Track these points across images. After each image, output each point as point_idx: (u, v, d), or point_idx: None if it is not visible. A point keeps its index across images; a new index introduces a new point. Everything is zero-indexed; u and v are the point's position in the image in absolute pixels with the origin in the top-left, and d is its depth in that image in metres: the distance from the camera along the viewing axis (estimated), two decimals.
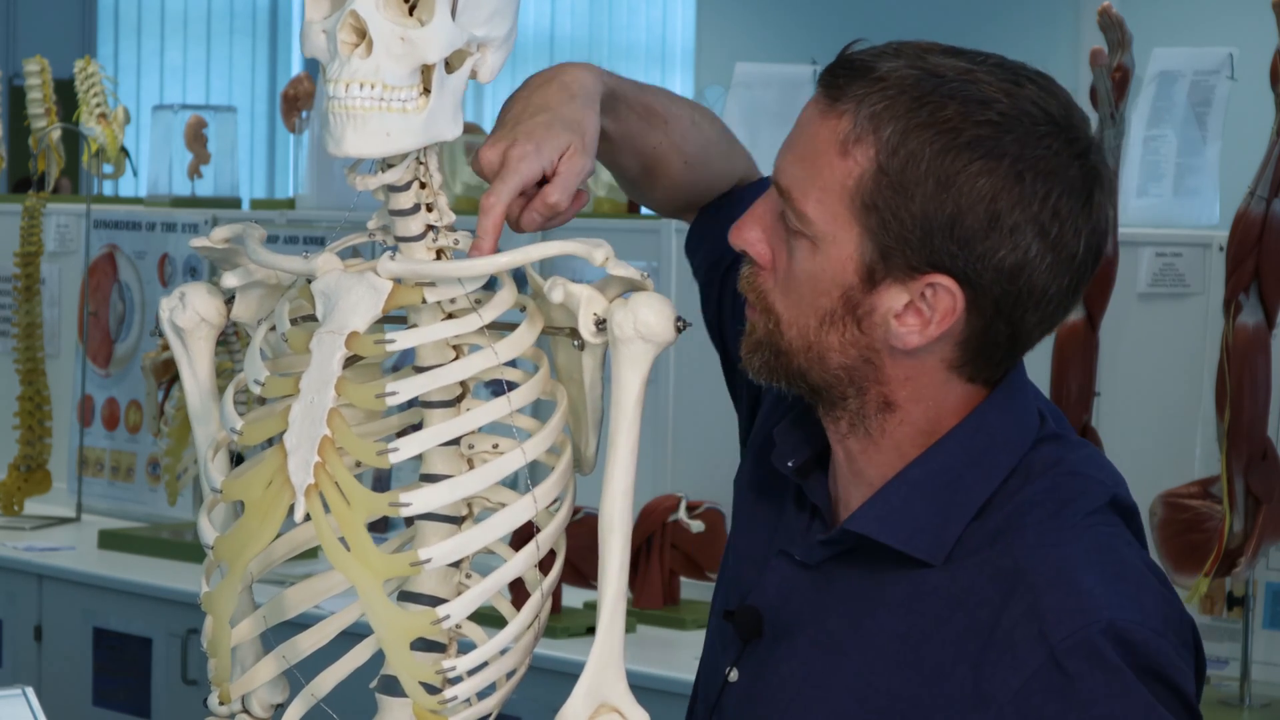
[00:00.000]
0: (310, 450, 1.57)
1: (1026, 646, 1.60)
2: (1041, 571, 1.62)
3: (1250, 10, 6.05)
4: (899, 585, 1.67)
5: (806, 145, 1.65)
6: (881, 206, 1.61)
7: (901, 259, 1.62)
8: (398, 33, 1.53)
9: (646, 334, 1.59)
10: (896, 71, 1.62)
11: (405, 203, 1.61)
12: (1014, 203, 1.60)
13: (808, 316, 1.66)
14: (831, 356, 1.67)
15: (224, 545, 1.63)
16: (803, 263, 1.65)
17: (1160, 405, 3.67)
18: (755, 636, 1.74)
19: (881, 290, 1.64)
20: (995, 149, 1.60)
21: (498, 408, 1.61)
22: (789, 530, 1.77)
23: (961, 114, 1.60)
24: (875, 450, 1.70)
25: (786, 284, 1.67)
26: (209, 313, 1.73)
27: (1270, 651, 3.54)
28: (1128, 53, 3.40)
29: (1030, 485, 1.67)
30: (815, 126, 1.65)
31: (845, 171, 1.62)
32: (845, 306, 1.65)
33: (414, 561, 1.58)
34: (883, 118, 1.61)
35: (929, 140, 1.60)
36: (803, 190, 1.64)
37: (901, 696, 1.64)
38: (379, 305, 1.60)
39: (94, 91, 5.21)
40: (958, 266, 1.61)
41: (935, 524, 1.66)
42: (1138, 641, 1.60)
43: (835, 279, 1.64)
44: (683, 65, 12.40)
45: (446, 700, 1.60)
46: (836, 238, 1.63)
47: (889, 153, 1.60)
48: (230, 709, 1.71)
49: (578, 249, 1.60)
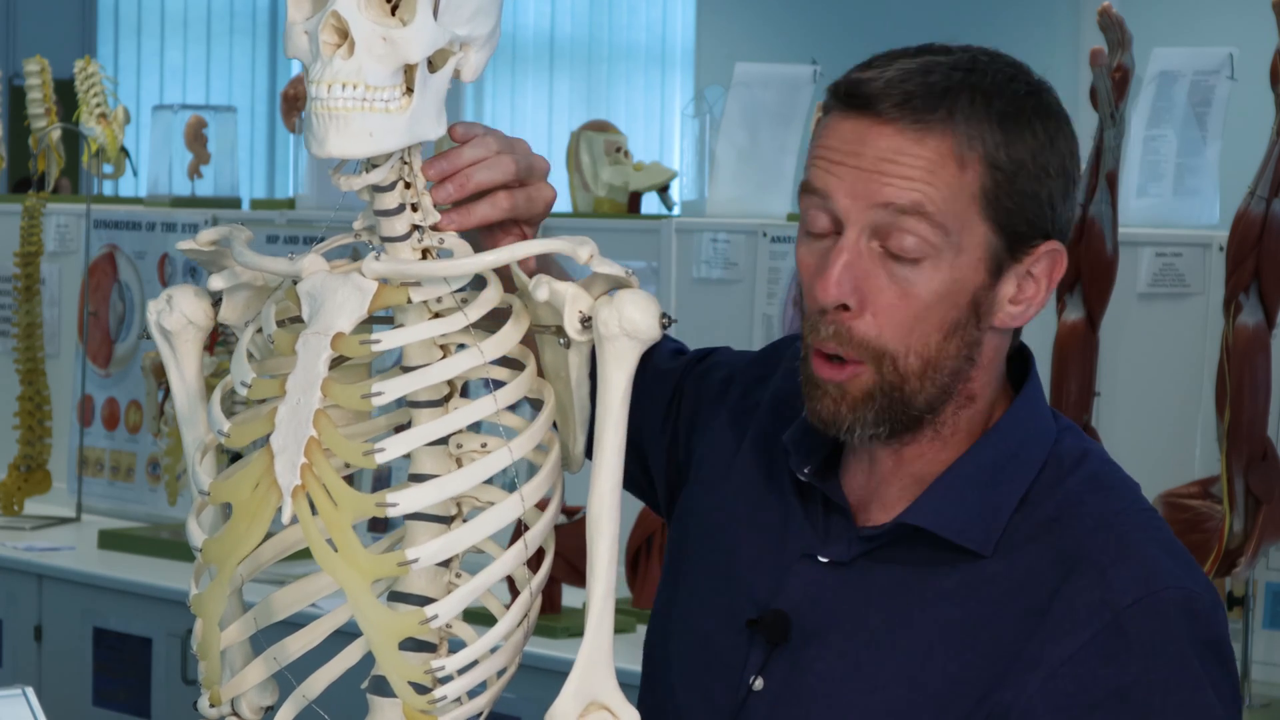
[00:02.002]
0: (297, 452, 1.57)
1: (1087, 612, 1.64)
2: (1105, 549, 1.67)
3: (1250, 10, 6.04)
4: (950, 576, 1.70)
5: (915, 167, 1.66)
6: (1002, 196, 1.67)
7: (1023, 240, 1.69)
8: (379, 33, 1.53)
9: (632, 331, 1.59)
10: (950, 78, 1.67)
11: (390, 203, 1.61)
12: (1071, 152, 1.71)
13: (930, 335, 1.68)
14: (946, 364, 1.69)
15: (212, 548, 1.63)
16: (928, 284, 1.67)
17: (1160, 405, 3.66)
18: (782, 641, 1.74)
19: (1004, 279, 1.70)
20: (1047, 112, 1.70)
21: (485, 406, 1.61)
22: (804, 534, 1.77)
23: (1013, 92, 1.68)
24: (940, 448, 1.73)
25: (903, 316, 1.67)
26: (196, 315, 1.73)
27: (1270, 651, 3.54)
28: (1128, 53, 3.40)
29: (1071, 476, 1.72)
30: (914, 150, 1.66)
31: (969, 181, 1.66)
32: (971, 308, 1.69)
33: (402, 561, 1.58)
34: (974, 120, 1.66)
35: (1012, 123, 1.67)
36: (935, 202, 1.66)
37: (959, 680, 1.66)
38: (364, 306, 1.60)
39: (94, 91, 5.21)
40: (1058, 227, 1.71)
41: (985, 515, 1.70)
42: (1200, 611, 1.65)
43: (967, 285, 1.68)
44: (683, 65, 12.39)
45: (436, 700, 1.60)
46: (965, 245, 1.67)
47: (993, 147, 1.66)
48: (220, 711, 1.71)
49: (563, 247, 1.60)
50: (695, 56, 12.21)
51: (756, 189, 4.36)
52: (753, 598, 1.78)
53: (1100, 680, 1.62)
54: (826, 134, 1.69)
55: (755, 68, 4.43)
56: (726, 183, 4.37)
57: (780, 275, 4.12)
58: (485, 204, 1.71)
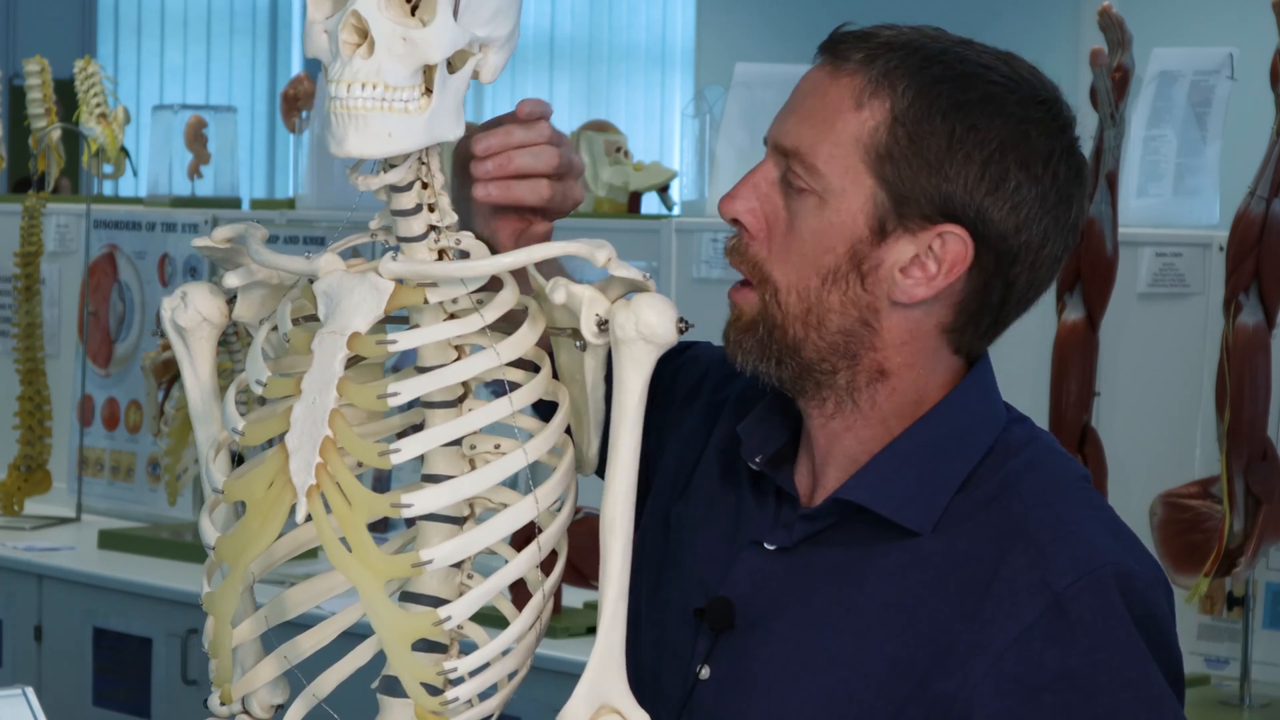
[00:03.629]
0: (312, 451, 1.57)
1: (1028, 594, 1.63)
2: (1043, 526, 1.66)
3: (1250, 10, 6.05)
4: (888, 556, 1.69)
5: (815, 104, 1.68)
6: (897, 155, 1.65)
7: (915, 208, 1.66)
8: (399, 33, 1.53)
9: (649, 335, 1.59)
10: (900, 36, 1.68)
11: (407, 203, 1.61)
12: (1020, 159, 1.66)
13: (809, 277, 1.68)
14: (831, 319, 1.68)
15: (225, 546, 1.63)
16: (808, 220, 1.68)
17: (1160, 405, 3.67)
18: (727, 627, 1.74)
19: (890, 242, 1.67)
20: (1003, 107, 1.66)
21: (499, 408, 1.61)
22: (754, 523, 1.78)
23: (969, 73, 1.66)
24: (863, 425, 1.72)
25: (786, 247, 1.69)
26: (211, 312, 1.73)
27: (1270, 651, 3.54)
28: (1128, 53, 3.40)
29: (1015, 458, 1.71)
30: (824, 86, 1.68)
31: (860, 123, 1.66)
32: (851, 261, 1.67)
33: (415, 563, 1.58)
34: (896, 73, 1.66)
35: (943, 93, 1.65)
36: (812, 146, 1.67)
37: (899, 660, 1.66)
38: (381, 306, 1.60)
39: (94, 91, 5.21)
40: (968, 216, 1.66)
41: (924, 494, 1.69)
42: (1139, 589, 1.64)
43: (844, 232, 1.67)
44: (683, 65, 12.40)
45: (448, 701, 1.60)
46: (847, 190, 1.66)
47: (905, 104, 1.65)
48: (231, 710, 1.71)
49: (580, 250, 1.60)
50: (695, 56, 12.22)
51: None
52: (702, 587, 1.78)
53: (1046, 663, 1.62)
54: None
55: (755, 68, 4.44)
56: (726, 183, 4.33)
57: None
58: (526, 186, 1.74)
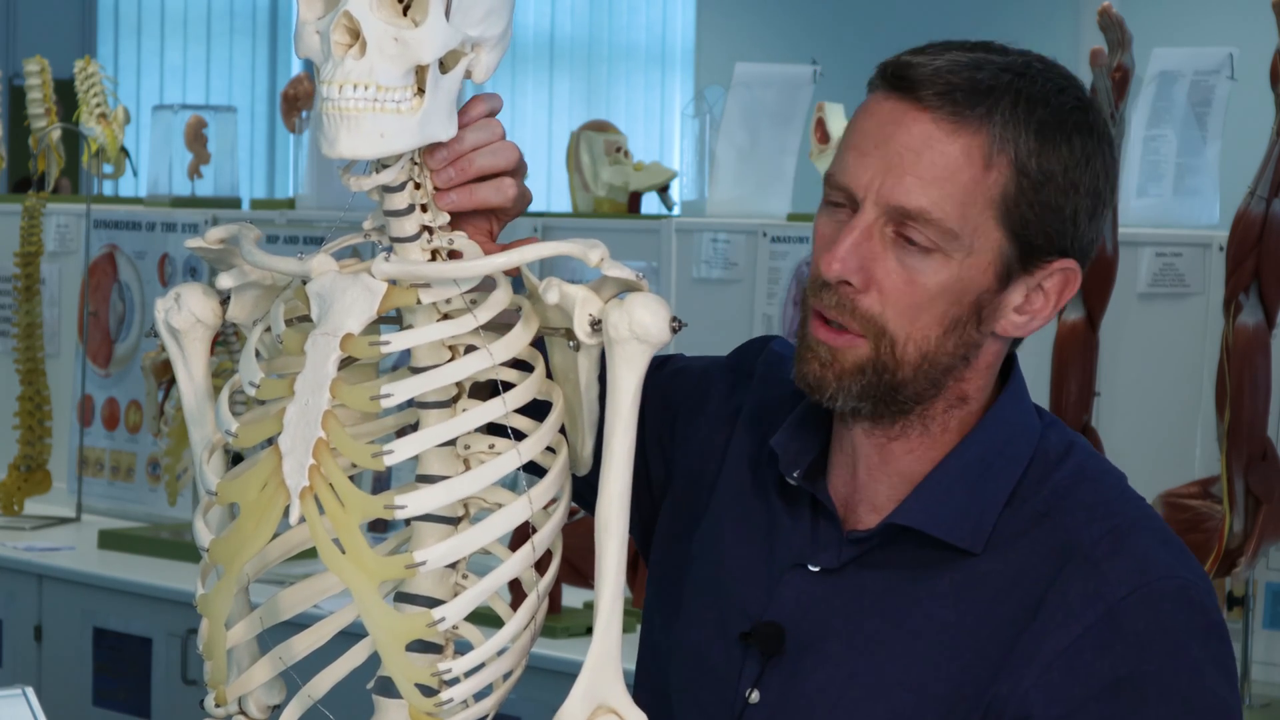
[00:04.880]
0: (305, 452, 1.57)
1: (1082, 605, 1.64)
2: (1097, 541, 1.67)
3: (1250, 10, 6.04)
4: (942, 577, 1.69)
5: (937, 163, 1.66)
6: (1024, 205, 1.67)
7: (1040, 251, 1.68)
8: (391, 33, 1.53)
9: (642, 335, 1.59)
10: (997, 78, 1.67)
11: (400, 203, 1.61)
12: (1107, 174, 1.70)
13: (931, 328, 1.68)
14: (942, 361, 1.69)
15: (219, 547, 1.63)
16: (933, 277, 1.67)
17: (1160, 405, 3.67)
18: (777, 652, 1.73)
19: (1012, 287, 1.69)
20: (1090, 129, 1.69)
21: (493, 408, 1.61)
22: (791, 540, 1.76)
23: (1059, 104, 1.68)
24: (928, 445, 1.73)
25: (907, 302, 1.67)
26: (204, 313, 1.73)
27: (1270, 651, 3.54)
28: (1128, 53, 3.40)
29: (1058, 470, 1.72)
30: (942, 146, 1.66)
31: (991, 184, 1.66)
32: (973, 309, 1.69)
33: (409, 564, 1.58)
34: (1012, 124, 1.66)
35: (1054, 137, 1.67)
36: (942, 208, 1.66)
37: (960, 679, 1.66)
38: (374, 307, 1.60)
39: (94, 91, 5.21)
40: (1078, 246, 1.70)
41: (974, 513, 1.70)
42: (1195, 599, 1.65)
43: (973, 285, 1.68)
44: (683, 65, 12.38)
45: (443, 702, 1.59)
46: (976, 247, 1.67)
47: (1026, 154, 1.66)
48: (227, 711, 1.71)
49: (573, 250, 1.60)
50: (695, 56, 12.21)
51: (756, 189, 4.36)
52: (744, 610, 1.77)
53: (1096, 672, 1.62)
54: (865, 112, 1.70)
55: (755, 68, 4.43)
56: (726, 183, 4.37)
57: (780, 275, 4.13)
58: (490, 187, 1.67)
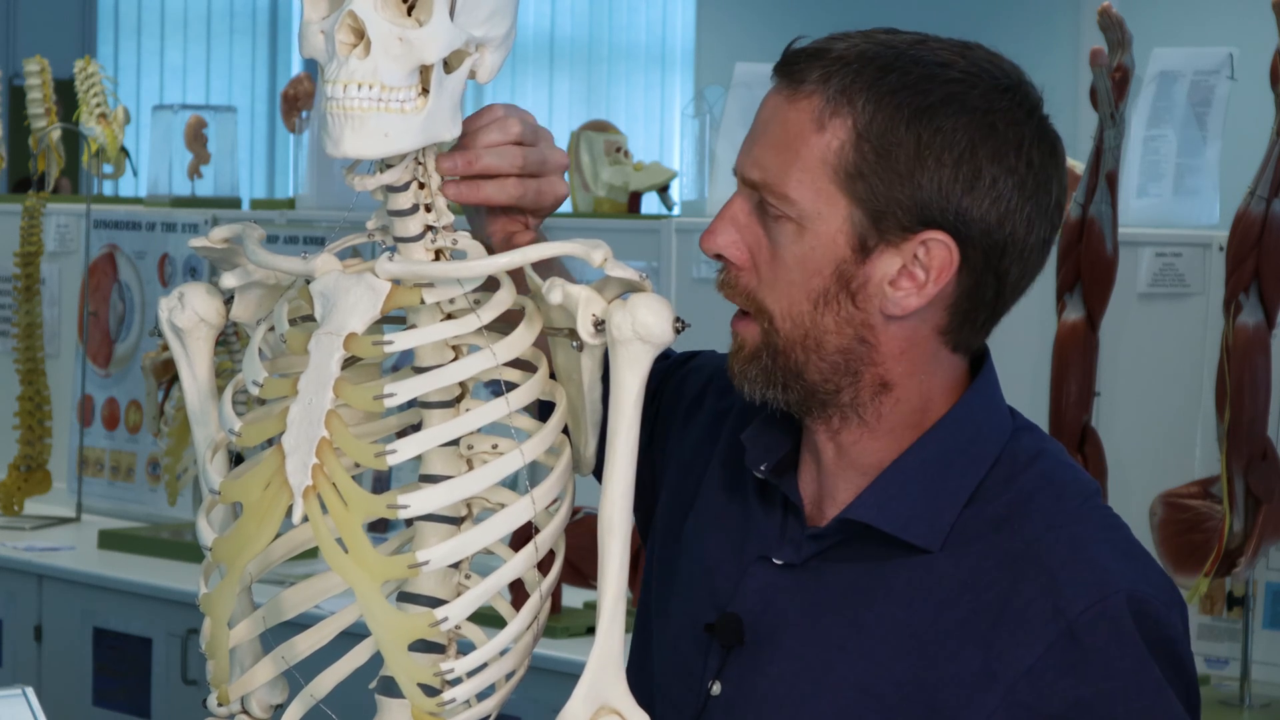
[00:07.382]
0: (308, 452, 1.57)
1: (1041, 622, 1.62)
2: (1055, 551, 1.65)
3: (1250, 10, 6.05)
4: (899, 575, 1.68)
5: (777, 132, 1.67)
6: (866, 171, 1.64)
7: (894, 221, 1.65)
8: (396, 33, 1.53)
9: (645, 335, 1.59)
10: (855, 48, 1.66)
11: (404, 203, 1.61)
12: (991, 153, 1.65)
13: (800, 302, 1.67)
14: (829, 340, 1.68)
15: (222, 547, 1.63)
16: (789, 247, 1.67)
17: (1160, 405, 3.67)
18: (737, 643, 1.73)
19: (874, 258, 1.66)
20: (965, 103, 1.64)
21: (497, 408, 1.61)
22: (762, 534, 1.77)
23: (927, 75, 1.64)
24: (871, 437, 1.71)
25: (774, 275, 1.68)
26: (208, 313, 1.73)
27: (1270, 651, 3.54)
28: (1128, 53, 3.40)
29: (1024, 474, 1.70)
30: (783, 113, 1.67)
31: (824, 145, 1.65)
32: (839, 282, 1.66)
33: (412, 564, 1.58)
34: (853, 89, 1.64)
35: (903, 101, 1.64)
36: (780, 174, 1.66)
37: (906, 682, 1.65)
38: (377, 306, 1.60)
39: (94, 91, 5.21)
40: (948, 219, 1.65)
41: (930, 511, 1.68)
42: (1153, 614, 1.63)
43: (827, 255, 1.66)
44: (683, 65, 12.39)
45: (445, 702, 1.60)
46: (823, 213, 1.65)
47: (866, 119, 1.64)
48: (229, 710, 1.71)
49: (576, 250, 1.60)
50: (695, 56, 12.21)
51: None
52: (714, 602, 1.78)
53: (1059, 692, 1.61)
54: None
55: (755, 68, 4.43)
56: (726, 183, 4.37)
57: None
58: (493, 185, 1.72)
